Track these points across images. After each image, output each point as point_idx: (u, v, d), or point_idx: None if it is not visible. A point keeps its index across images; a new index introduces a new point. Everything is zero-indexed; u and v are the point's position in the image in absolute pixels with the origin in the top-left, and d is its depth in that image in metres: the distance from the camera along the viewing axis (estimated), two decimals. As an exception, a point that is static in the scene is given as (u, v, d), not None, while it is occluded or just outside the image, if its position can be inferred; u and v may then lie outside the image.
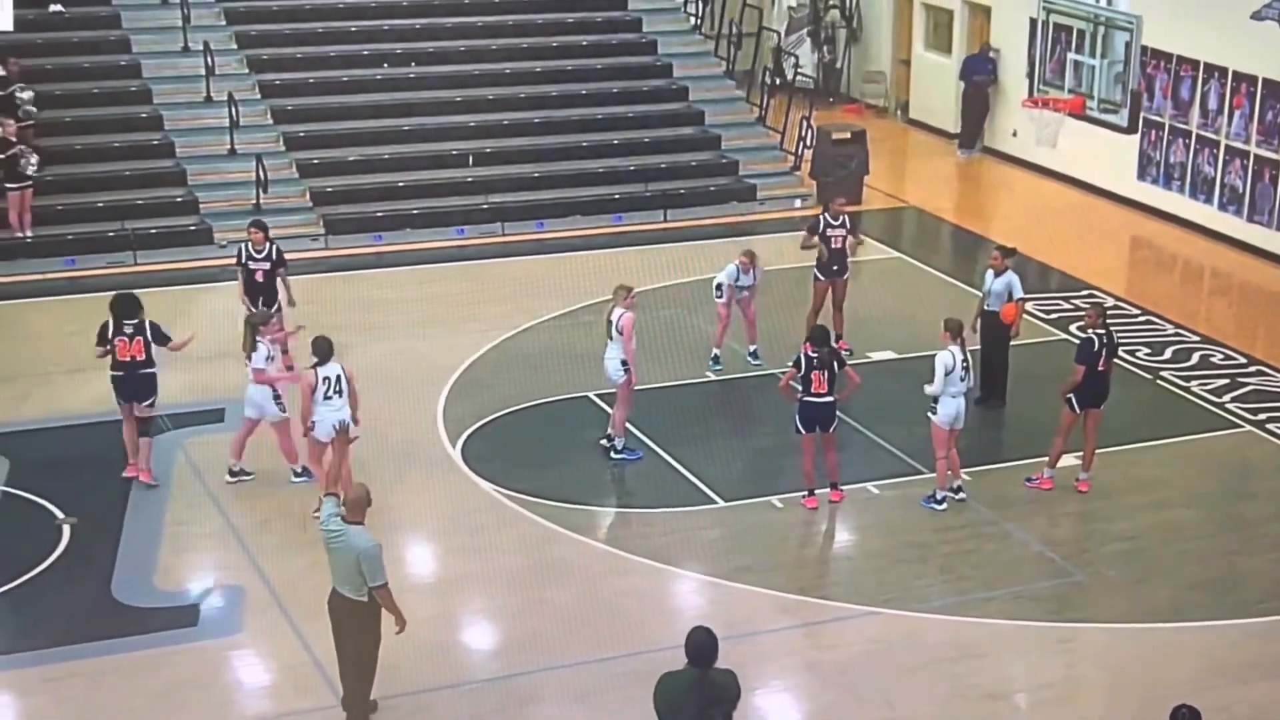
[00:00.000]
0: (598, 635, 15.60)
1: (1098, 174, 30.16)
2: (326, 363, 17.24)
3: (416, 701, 14.42)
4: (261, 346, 18.09)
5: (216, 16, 30.14)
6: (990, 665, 15.32)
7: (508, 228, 27.71)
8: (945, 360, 17.73)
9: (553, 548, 17.28)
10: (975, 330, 19.93)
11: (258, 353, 18.08)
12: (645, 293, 23.28)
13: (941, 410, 17.85)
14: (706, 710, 11.29)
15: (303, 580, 15.67)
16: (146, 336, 18.04)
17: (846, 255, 22.03)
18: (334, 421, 16.64)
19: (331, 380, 17.15)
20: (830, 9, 36.99)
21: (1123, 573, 16.97)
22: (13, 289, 24.56)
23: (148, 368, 18.14)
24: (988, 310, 20.30)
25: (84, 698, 14.59)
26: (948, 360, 17.72)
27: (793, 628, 15.89)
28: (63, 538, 17.20)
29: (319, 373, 17.17)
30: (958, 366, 17.74)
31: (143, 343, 18.02)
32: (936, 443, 18.01)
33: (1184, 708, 11.28)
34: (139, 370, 18.05)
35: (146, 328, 18.08)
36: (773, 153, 30.86)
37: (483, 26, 31.49)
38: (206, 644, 15.48)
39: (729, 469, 19.06)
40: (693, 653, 11.33)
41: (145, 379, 18.17)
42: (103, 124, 28.10)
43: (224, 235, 26.30)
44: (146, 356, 18.09)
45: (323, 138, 28.73)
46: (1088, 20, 24.48)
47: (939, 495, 18.14)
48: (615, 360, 18.80)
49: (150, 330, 18.11)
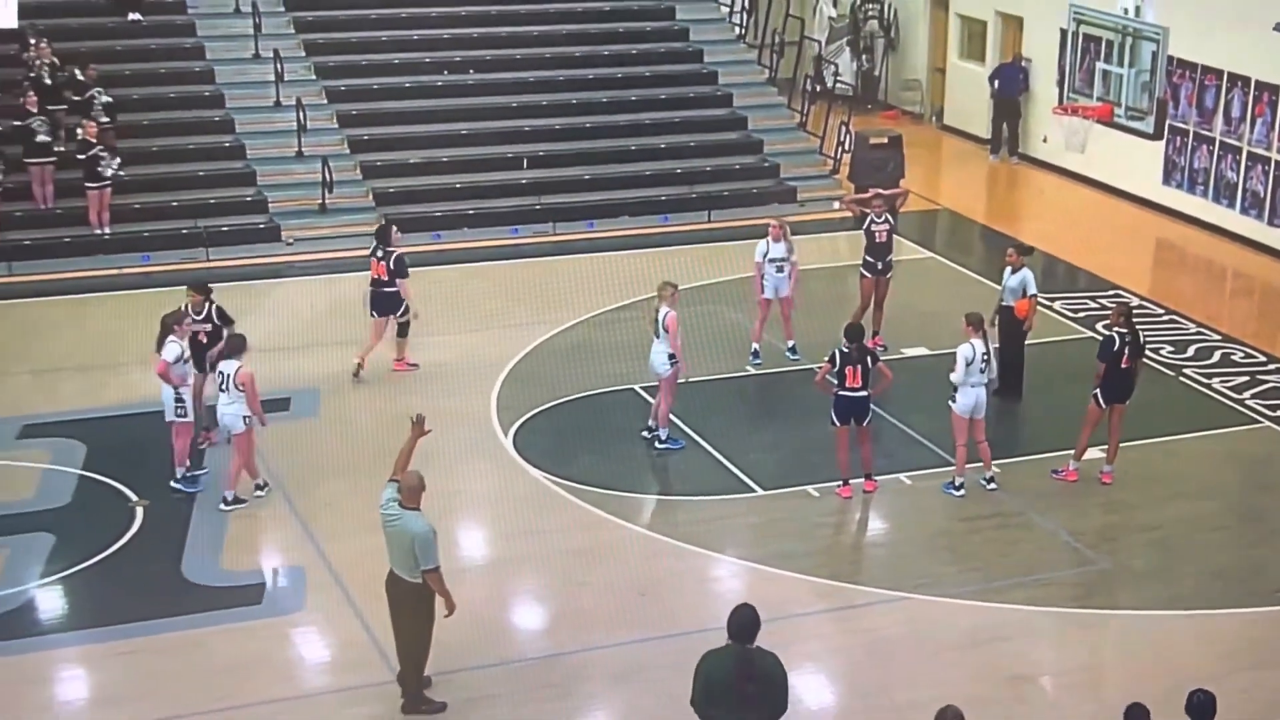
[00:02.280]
0: (640, 616, 15.55)
1: (1125, 178, 29.95)
2: (229, 359, 17.28)
3: (468, 677, 14.40)
4: (173, 345, 17.51)
5: (286, 25, 30.20)
6: (1016, 649, 15.22)
7: (559, 227, 27.68)
8: (966, 352, 17.67)
9: (598, 532, 17.25)
10: (993, 325, 19.83)
11: (167, 349, 17.51)
12: (689, 290, 23.21)
13: (961, 399, 17.80)
14: (744, 686, 11.22)
15: (362, 561, 15.63)
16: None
17: (891, 250, 21.91)
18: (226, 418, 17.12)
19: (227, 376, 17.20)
20: (869, 19, 36.84)
21: (1145, 561, 16.84)
22: (91, 283, 24.65)
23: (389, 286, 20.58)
24: (1004, 306, 20.20)
25: (155, 671, 14.63)
26: (968, 352, 17.66)
27: (826, 611, 15.80)
28: (136, 519, 17.27)
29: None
30: (978, 358, 17.67)
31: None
32: (956, 431, 17.97)
33: (1200, 692, 11.20)
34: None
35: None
36: (812, 156, 30.75)
37: (538, 35, 31.45)
38: (270, 621, 15.52)
39: (767, 459, 18.97)
40: (733, 629, 11.28)
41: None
42: (178, 127, 28.19)
43: (291, 233, 26.43)
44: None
45: (385, 141, 28.75)
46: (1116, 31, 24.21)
47: (958, 481, 18.07)
48: (662, 354, 18.74)
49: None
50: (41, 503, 17.66)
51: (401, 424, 14.21)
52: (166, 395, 17.68)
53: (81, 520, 17.34)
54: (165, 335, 17.60)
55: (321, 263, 25.73)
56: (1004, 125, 32.81)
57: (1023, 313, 20.07)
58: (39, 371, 21.39)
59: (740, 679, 11.22)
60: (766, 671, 11.31)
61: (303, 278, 25.34)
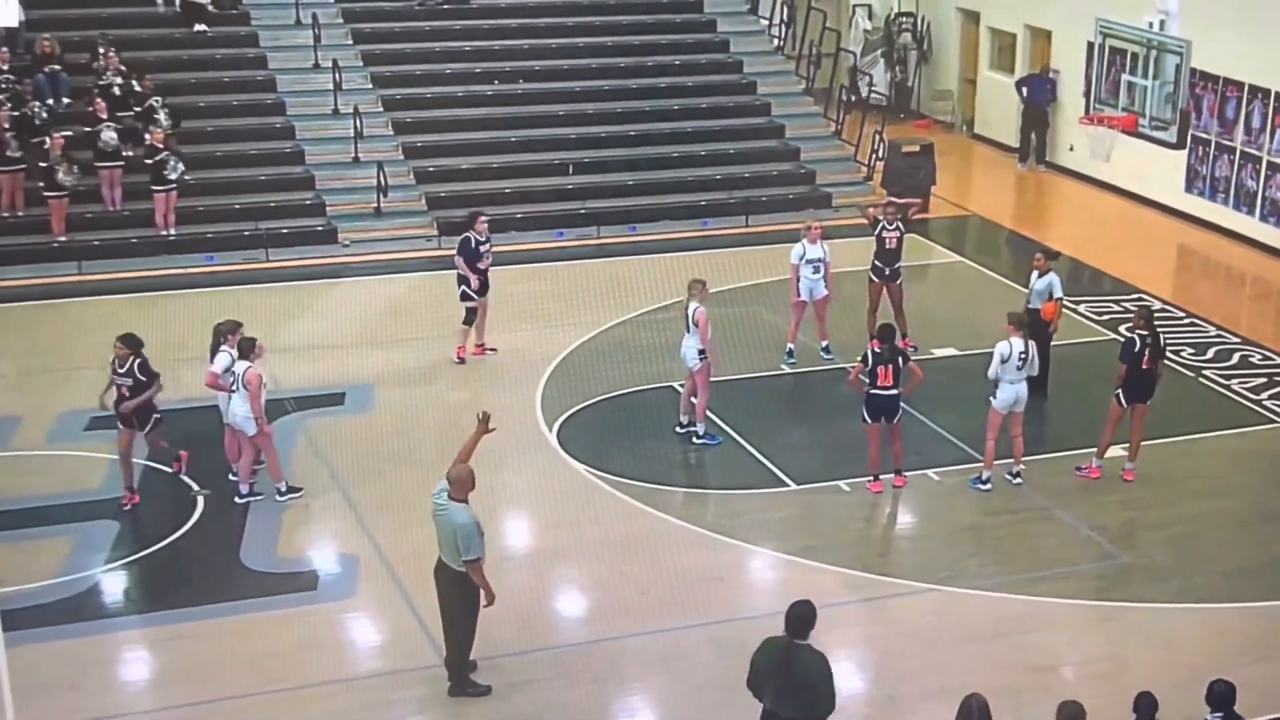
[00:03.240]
0: (677, 605, 15.53)
1: (1148, 186, 29.77)
2: (242, 359, 17.14)
3: (511, 662, 14.40)
4: (224, 354, 17.36)
5: (344, 36, 30.26)
6: (1039, 640, 15.13)
7: (603, 231, 27.66)
8: (1003, 349, 17.63)
9: (637, 524, 17.22)
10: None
11: (218, 359, 17.41)
12: (727, 291, 23.25)
13: (1000, 395, 17.77)
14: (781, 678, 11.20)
15: (413, 551, 15.64)
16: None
17: (899, 257, 21.79)
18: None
19: (238, 377, 17.11)
20: (903, 32, 36.73)
21: (1165, 557, 16.72)
22: (157, 282, 24.72)
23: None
24: (1030, 308, 20.10)
25: (214, 653, 14.69)
26: (1004, 349, 17.61)
27: (856, 602, 15.74)
28: (197, 508, 17.33)
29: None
30: (1014, 355, 17.59)
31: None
32: (989, 425, 17.90)
33: (1221, 682, 11.13)
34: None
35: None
36: (847, 164, 30.65)
37: (584, 46, 31.44)
38: (324, 607, 15.55)
39: (800, 455, 18.91)
40: (787, 621, 11.34)
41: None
42: (240, 133, 28.30)
43: (347, 235, 26.48)
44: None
45: (438, 147, 28.79)
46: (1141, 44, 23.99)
47: (984, 475, 18.01)
48: (692, 349, 18.71)
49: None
50: (107, 492, 17.72)
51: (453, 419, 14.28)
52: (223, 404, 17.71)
53: (145, 509, 17.40)
54: (218, 344, 17.56)
55: (376, 263, 25.76)
56: (1032, 134, 32.65)
57: (1049, 315, 19.96)
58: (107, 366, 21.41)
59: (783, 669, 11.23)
60: (805, 669, 11.29)
61: (358, 278, 25.39)
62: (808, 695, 11.27)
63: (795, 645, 11.28)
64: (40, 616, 15.18)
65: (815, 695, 11.28)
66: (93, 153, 25.74)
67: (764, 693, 11.42)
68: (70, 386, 20.68)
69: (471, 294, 21.29)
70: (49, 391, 20.49)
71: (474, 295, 21.30)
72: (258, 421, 17.10)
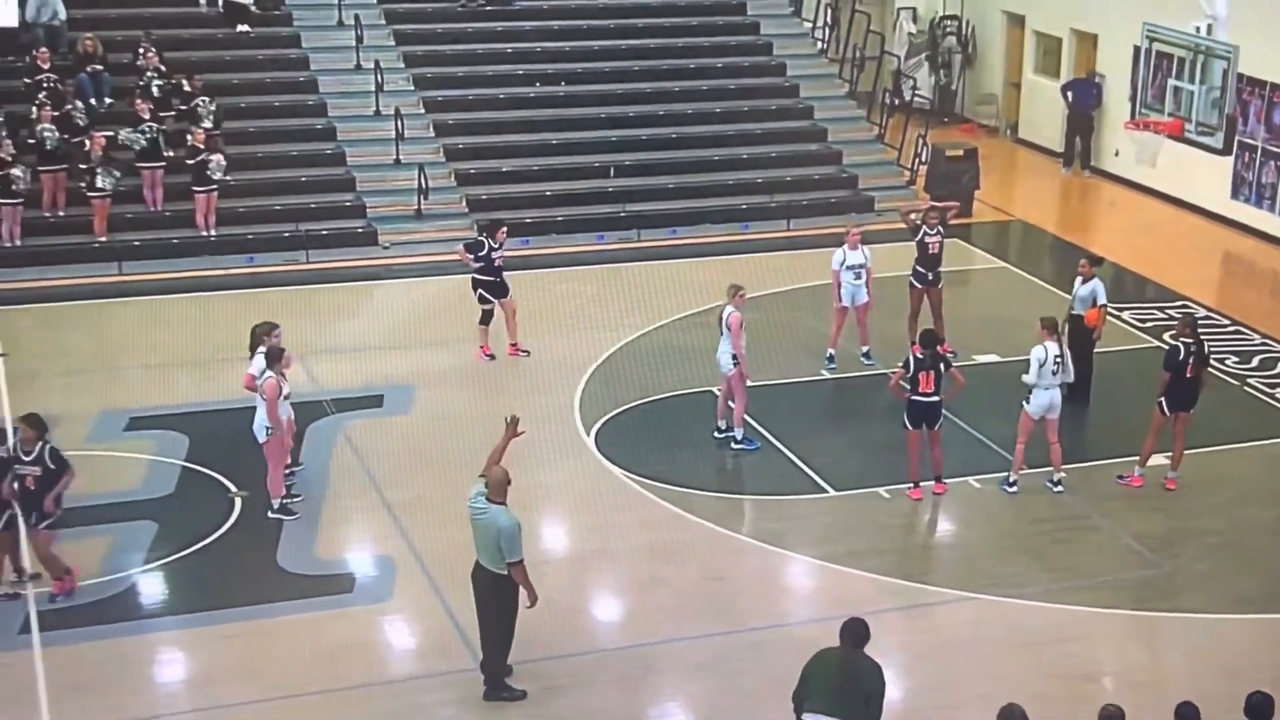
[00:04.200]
0: (714, 611, 15.53)
1: (1194, 192, 29.60)
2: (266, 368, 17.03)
3: (548, 666, 14.43)
4: (261, 357, 17.25)
5: (386, 37, 30.35)
6: (1080, 649, 15.08)
7: (643, 234, 27.67)
8: (1039, 354, 17.61)
9: (675, 529, 17.22)
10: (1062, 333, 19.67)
11: (255, 362, 17.31)
12: (767, 296, 23.22)
13: (1034, 400, 17.77)
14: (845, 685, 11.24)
15: (450, 553, 15.66)
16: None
17: (941, 262, 21.74)
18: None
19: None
20: (947, 35, 36.61)
21: (1209, 566, 16.64)
22: (197, 282, 24.84)
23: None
24: (1073, 314, 20.02)
25: (251, 655, 14.77)
26: (1040, 354, 17.61)
27: (895, 610, 15.70)
28: (235, 510, 17.42)
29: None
30: (1050, 360, 17.56)
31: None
32: (1021, 429, 17.91)
33: (1258, 693, 11.07)
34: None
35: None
36: (890, 168, 30.57)
37: (627, 49, 31.43)
38: (361, 609, 15.61)
39: (840, 461, 18.88)
40: (844, 632, 11.43)
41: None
42: (282, 134, 28.41)
43: (387, 237, 26.56)
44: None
45: (479, 149, 28.84)
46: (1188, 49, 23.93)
47: (1012, 478, 18.03)
48: (726, 354, 18.71)
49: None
50: (146, 492, 17.86)
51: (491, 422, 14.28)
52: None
53: (183, 509, 17.50)
54: (256, 345, 17.58)
55: (416, 266, 25.82)
56: (1077, 139, 32.51)
57: (1092, 322, 19.91)
58: (147, 366, 21.62)
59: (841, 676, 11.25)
60: (869, 678, 11.32)
61: (398, 280, 25.47)
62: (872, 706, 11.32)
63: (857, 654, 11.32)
64: (77, 617, 15.28)
65: (872, 706, 11.32)
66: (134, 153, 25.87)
67: (814, 701, 11.40)
68: (110, 387, 20.83)
69: (489, 296, 21.40)
70: (89, 391, 20.62)
71: (490, 297, 21.39)
72: (270, 430, 17.06)
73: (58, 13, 28.00)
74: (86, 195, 25.33)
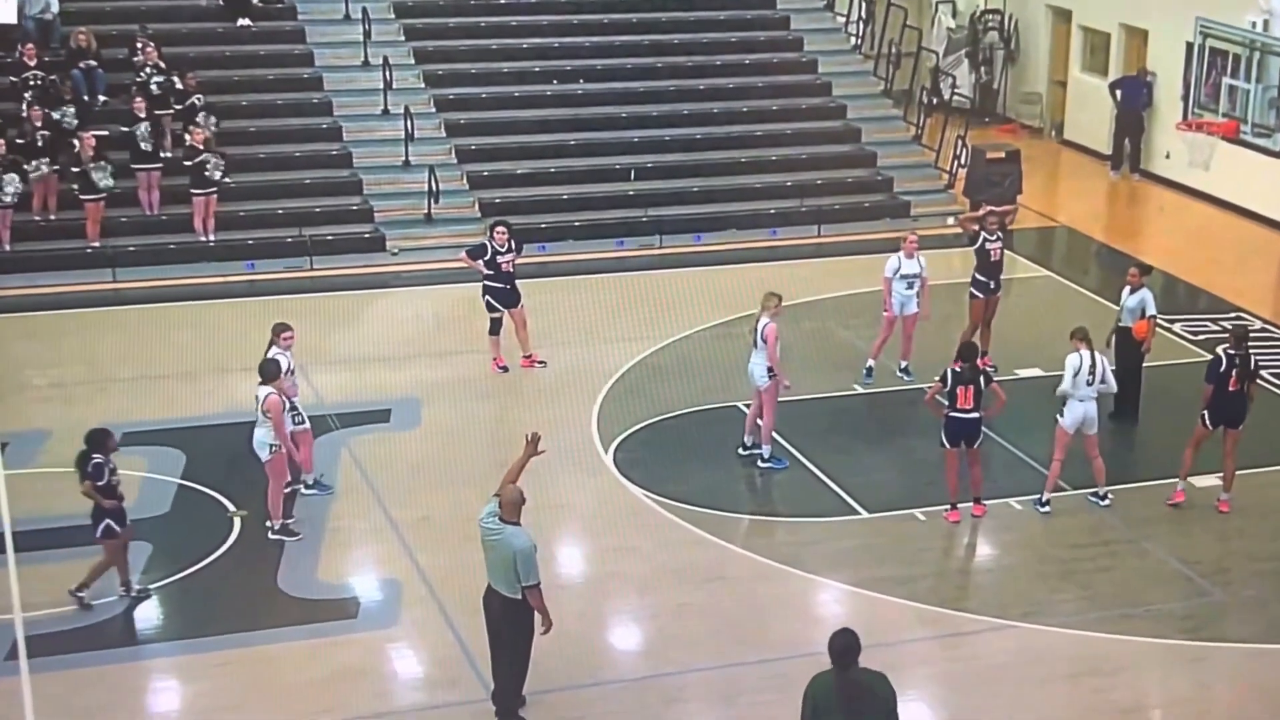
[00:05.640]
0: (740, 640, 15.53)
1: (1250, 197, 29.55)
2: (262, 385, 17.11)
3: (562, 697, 14.44)
4: (280, 357, 17.49)
5: (396, 33, 30.48)
6: (1125, 681, 15.05)
7: (665, 240, 27.74)
8: (1074, 361, 17.63)
9: (698, 552, 17.24)
10: (1110, 345, 19.68)
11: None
12: (798, 306, 23.21)
13: (1068, 413, 17.78)
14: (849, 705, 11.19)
15: (458, 575, 15.73)
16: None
17: (1003, 269, 21.79)
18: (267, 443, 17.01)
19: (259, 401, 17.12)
20: (989, 30, 36.66)
21: (1261, 593, 16.58)
22: (195, 290, 24.98)
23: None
24: (1121, 326, 20.01)
25: (248, 683, 14.80)
26: (1075, 361, 17.63)
27: (931, 638, 15.69)
28: (234, 530, 17.48)
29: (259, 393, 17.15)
30: (1084, 369, 17.53)
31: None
32: (1057, 444, 17.92)
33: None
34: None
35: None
36: (927, 170, 30.60)
37: (649, 45, 31.54)
38: (365, 635, 15.64)
39: (873, 481, 18.89)
40: (832, 654, 11.24)
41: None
42: (285, 134, 28.57)
43: (396, 243, 26.64)
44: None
45: (492, 151, 28.96)
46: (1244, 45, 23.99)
47: (1044, 498, 18.06)
48: (760, 366, 18.73)
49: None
50: (140, 511, 17.82)
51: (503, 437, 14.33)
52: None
53: (179, 530, 17.57)
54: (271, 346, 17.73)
55: (426, 273, 25.91)
56: (1126, 140, 32.49)
57: (1141, 334, 19.88)
58: (141, 379, 21.72)
59: (845, 699, 11.20)
60: (870, 689, 11.28)
61: (407, 288, 25.56)
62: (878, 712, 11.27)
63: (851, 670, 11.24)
64: (69, 642, 15.33)
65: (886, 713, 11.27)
66: (130, 154, 26.01)
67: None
68: (102, 400, 20.93)
69: (497, 305, 21.47)
70: (80, 405, 20.72)
71: (498, 305, 21.46)
72: (274, 448, 17.12)
73: (50, 6, 28.18)
74: (79, 198, 25.45)
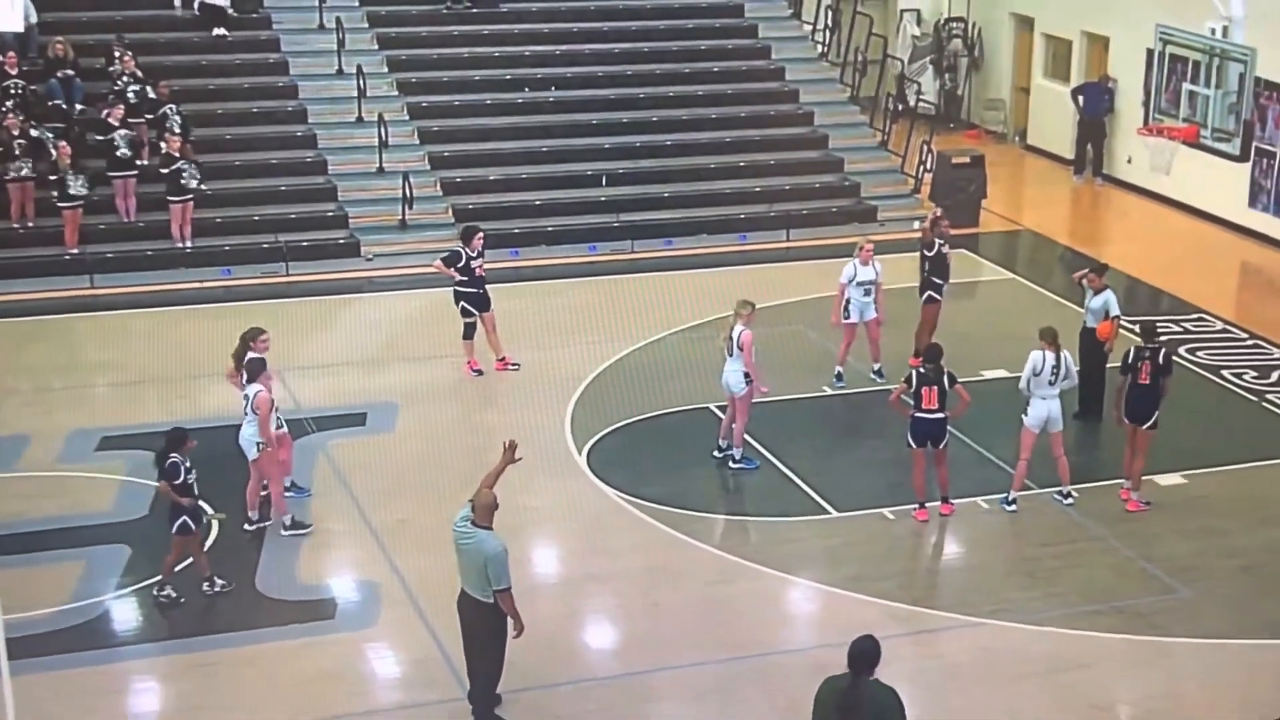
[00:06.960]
0: (713, 638, 15.48)
1: (1210, 201, 29.65)
2: (251, 382, 17.11)
3: (538, 696, 14.40)
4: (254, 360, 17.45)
5: (369, 41, 30.42)
6: (1094, 677, 15.02)
7: (637, 245, 27.70)
8: (1035, 360, 17.66)
9: (671, 552, 17.19)
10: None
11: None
12: (767, 309, 23.14)
13: (1032, 412, 17.80)
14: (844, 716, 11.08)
15: (435, 578, 15.67)
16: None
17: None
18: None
19: (249, 399, 17.09)
20: (953, 38, 36.71)
21: (1228, 589, 16.59)
22: (172, 296, 24.87)
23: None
24: (1086, 328, 20.05)
25: (227, 684, 14.71)
26: (1036, 359, 17.64)
27: (902, 636, 15.63)
28: (212, 532, 17.34)
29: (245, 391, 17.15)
30: (1046, 369, 17.56)
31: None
32: (1022, 444, 17.93)
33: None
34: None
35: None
36: (894, 176, 30.64)
37: (620, 52, 31.54)
38: (343, 636, 15.57)
39: (843, 481, 18.88)
40: (850, 658, 11.06)
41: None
42: (260, 142, 28.48)
43: (370, 249, 26.57)
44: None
45: (466, 157, 28.90)
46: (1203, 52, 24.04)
47: (1011, 496, 18.07)
48: (737, 373, 18.69)
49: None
50: (118, 514, 17.83)
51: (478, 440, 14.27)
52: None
53: (158, 533, 17.40)
54: (244, 352, 17.59)
55: (401, 278, 25.85)
56: (1088, 146, 32.58)
57: (1104, 335, 19.90)
58: (119, 384, 21.62)
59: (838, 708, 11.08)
60: (873, 700, 11.12)
61: (382, 293, 25.49)
62: None
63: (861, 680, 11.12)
64: (49, 644, 15.24)
65: None
66: (106, 161, 25.88)
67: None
68: (81, 405, 20.83)
69: (471, 309, 21.44)
70: (60, 410, 20.62)
71: (473, 310, 21.43)
72: (261, 445, 17.08)
73: (28, 14, 28.02)
74: (57, 205, 25.34)
